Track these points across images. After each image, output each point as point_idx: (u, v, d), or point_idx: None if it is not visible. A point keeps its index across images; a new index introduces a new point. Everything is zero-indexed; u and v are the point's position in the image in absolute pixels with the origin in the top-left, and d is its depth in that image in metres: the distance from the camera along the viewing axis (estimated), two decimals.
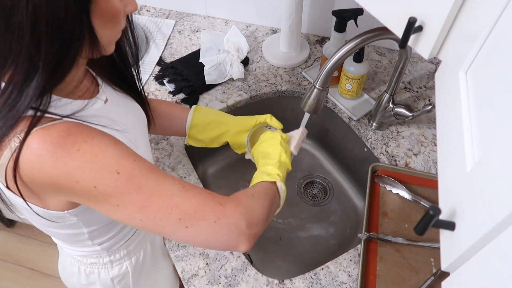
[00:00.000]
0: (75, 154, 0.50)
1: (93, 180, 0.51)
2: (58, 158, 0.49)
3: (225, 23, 1.31)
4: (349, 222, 1.12)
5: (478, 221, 0.33)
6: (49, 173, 0.50)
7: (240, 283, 0.82)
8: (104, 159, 0.51)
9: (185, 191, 0.55)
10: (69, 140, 0.50)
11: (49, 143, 0.49)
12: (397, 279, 0.80)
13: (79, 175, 0.50)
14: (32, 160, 0.49)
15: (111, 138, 0.54)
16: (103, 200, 0.52)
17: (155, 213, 0.53)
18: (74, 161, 0.50)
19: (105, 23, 0.51)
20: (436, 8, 0.49)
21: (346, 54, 0.78)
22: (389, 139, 1.02)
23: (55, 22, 0.46)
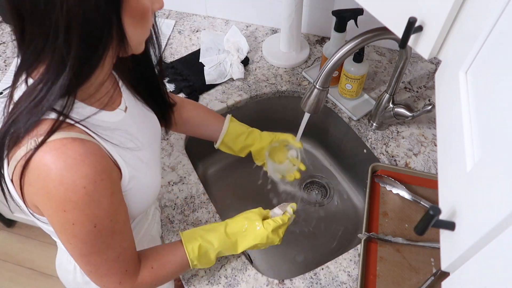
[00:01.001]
0: (80, 191, 0.52)
1: (76, 220, 0.54)
2: (63, 183, 0.51)
3: (225, 23, 1.31)
4: (349, 222, 1.12)
5: (478, 221, 0.33)
6: (49, 188, 0.51)
7: (240, 283, 0.82)
8: (96, 210, 0.54)
9: (114, 261, 0.61)
10: (81, 170, 0.51)
11: (62, 161, 0.50)
12: (397, 279, 0.79)
13: (70, 209, 0.53)
14: (40, 170, 0.50)
15: (113, 184, 0.56)
16: (66, 234, 0.56)
17: (82, 260, 0.60)
18: (75, 195, 0.52)
19: (136, 22, 0.52)
20: (436, 8, 0.49)
21: (346, 54, 0.78)
22: (389, 139, 1.02)
23: (86, 22, 0.46)
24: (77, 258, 0.60)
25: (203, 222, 0.90)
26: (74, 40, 0.47)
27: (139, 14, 0.52)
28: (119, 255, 0.61)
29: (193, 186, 0.96)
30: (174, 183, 0.96)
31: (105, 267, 0.61)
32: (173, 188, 0.95)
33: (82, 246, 0.57)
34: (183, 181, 0.96)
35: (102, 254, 0.59)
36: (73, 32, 0.46)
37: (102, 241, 0.58)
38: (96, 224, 0.55)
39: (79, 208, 0.53)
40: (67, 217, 0.53)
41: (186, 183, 0.96)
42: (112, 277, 0.63)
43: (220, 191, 1.19)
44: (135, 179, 0.62)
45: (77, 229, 0.54)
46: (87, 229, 0.55)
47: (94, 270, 0.61)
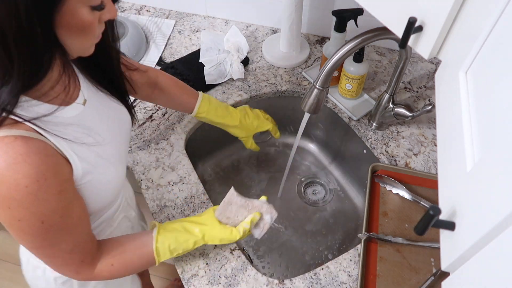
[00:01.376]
0: (22, 189, 0.51)
1: (22, 216, 0.54)
2: (4, 182, 0.50)
3: (225, 23, 1.31)
4: (349, 222, 1.12)
5: (478, 221, 0.33)
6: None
7: (240, 283, 0.82)
8: (41, 207, 0.54)
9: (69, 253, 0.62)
10: (23, 170, 0.51)
11: (2, 161, 0.50)
12: (397, 279, 0.79)
13: (15, 206, 0.52)
14: None
15: (60, 183, 0.56)
16: (14, 229, 0.56)
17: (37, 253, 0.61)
18: (18, 194, 0.51)
19: (74, 35, 0.51)
20: (436, 8, 0.49)
21: (346, 54, 0.78)
22: (389, 139, 1.02)
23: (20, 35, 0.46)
24: (31, 251, 0.61)
25: None
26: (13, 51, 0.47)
27: (77, 28, 0.51)
28: (73, 247, 0.62)
29: (193, 186, 0.96)
30: (174, 183, 0.96)
31: (59, 258, 0.62)
32: (173, 188, 0.95)
33: (33, 240, 0.58)
34: (183, 181, 0.96)
35: (55, 247, 0.60)
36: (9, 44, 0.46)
37: (53, 236, 0.58)
38: (44, 221, 0.55)
39: (23, 206, 0.53)
40: (13, 214, 0.53)
41: (186, 183, 0.96)
42: (68, 267, 0.64)
43: (220, 191, 1.19)
44: (90, 175, 0.61)
45: (24, 224, 0.55)
46: (35, 225, 0.55)
47: (49, 261, 0.63)
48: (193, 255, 0.85)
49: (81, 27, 0.51)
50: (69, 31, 0.50)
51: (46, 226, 0.56)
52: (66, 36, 0.51)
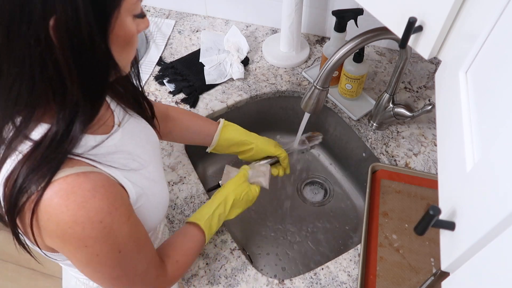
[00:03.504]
0: (97, 225, 0.50)
1: (100, 251, 0.53)
2: (79, 222, 0.49)
3: (225, 23, 1.31)
4: (349, 222, 1.12)
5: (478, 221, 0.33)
6: (64, 230, 0.50)
7: (240, 283, 0.82)
8: (117, 238, 0.54)
9: (145, 273, 0.62)
10: (94, 205, 0.50)
11: (73, 201, 0.49)
12: (397, 279, 0.79)
13: (91, 243, 0.52)
14: (50, 212, 0.48)
15: (128, 209, 0.56)
16: (92, 265, 0.55)
17: (115, 284, 0.60)
18: (93, 231, 0.51)
19: (123, 48, 0.51)
20: (436, 8, 0.49)
21: (346, 54, 0.78)
22: (389, 139, 1.02)
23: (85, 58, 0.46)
24: (109, 283, 0.59)
25: None
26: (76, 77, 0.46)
27: (125, 40, 0.50)
28: (147, 266, 0.61)
29: (193, 186, 0.96)
30: (174, 183, 0.96)
31: (138, 282, 0.61)
32: (173, 188, 0.95)
33: (112, 271, 0.56)
34: (183, 181, 0.96)
35: (133, 272, 0.59)
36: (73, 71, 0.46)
37: (130, 261, 0.58)
38: (121, 250, 0.55)
39: (100, 241, 0.52)
40: (90, 251, 0.52)
41: (186, 183, 0.96)
42: (147, 286, 0.64)
43: None
44: (143, 198, 0.61)
45: (103, 259, 0.54)
46: (113, 256, 0.54)
47: (129, 286, 0.62)
48: None
49: (128, 39, 0.50)
50: (118, 45, 0.49)
51: (123, 254, 0.55)
52: (116, 51, 0.49)
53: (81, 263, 0.54)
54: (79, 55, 0.45)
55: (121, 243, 0.54)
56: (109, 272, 0.56)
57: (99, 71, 0.49)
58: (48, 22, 0.42)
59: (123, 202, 0.55)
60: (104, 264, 0.55)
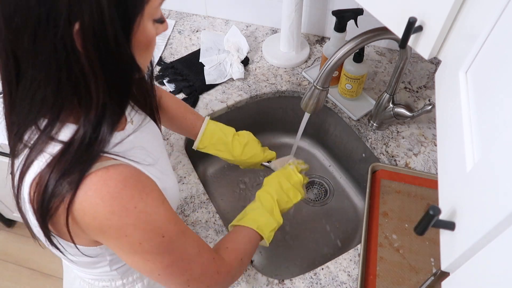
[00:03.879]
0: (132, 211, 0.51)
1: (141, 238, 0.53)
2: (115, 212, 0.50)
3: (225, 23, 1.31)
4: (349, 222, 1.12)
5: (478, 221, 0.33)
6: (101, 222, 0.50)
7: (240, 283, 0.82)
8: (155, 222, 0.54)
9: (199, 255, 0.61)
10: (126, 194, 0.51)
11: (106, 193, 0.49)
12: (397, 279, 0.79)
13: (131, 231, 0.52)
14: (85, 207, 0.49)
15: (160, 194, 0.56)
16: (138, 254, 0.54)
17: (172, 273, 0.58)
18: (130, 218, 0.51)
19: (142, 51, 0.52)
20: (436, 8, 0.49)
21: (346, 54, 0.78)
22: (389, 139, 1.02)
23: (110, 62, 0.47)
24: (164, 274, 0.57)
25: (203, 222, 0.90)
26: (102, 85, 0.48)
27: (146, 44, 0.51)
28: (198, 248, 0.60)
29: (193, 186, 0.96)
30: None
31: (196, 266, 0.60)
32: None
33: (162, 259, 0.56)
34: (183, 181, 0.96)
35: (185, 256, 0.58)
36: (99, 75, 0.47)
37: (177, 245, 0.57)
38: (164, 234, 0.54)
39: (139, 227, 0.52)
40: (132, 240, 0.52)
41: (186, 183, 0.96)
42: (208, 271, 0.62)
43: (220, 191, 1.19)
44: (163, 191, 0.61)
45: (147, 246, 0.54)
46: (157, 241, 0.54)
47: (189, 275, 0.60)
48: None
49: (148, 43, 0.51)
50: (139, 48, 0.50)
51: (168, 238, 0.55)
52: (137, 54, 0.51)
53: (128, 254, 0.55)
54: (104, 59, 0.46)
55: (162, 227, 0.54)
56: (160, 260, 0.55)
57: (123, 74, 0.50)
58: (73, 27, 0.43)
59: (154, 188, 0.55)
60: (150, 252, 0.54)
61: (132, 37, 0.48)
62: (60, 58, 0.45)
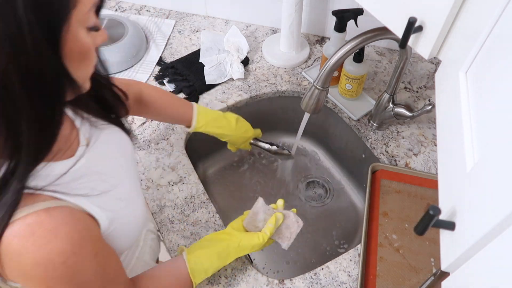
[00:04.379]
0: (59, 267, 0.47)
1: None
2: (40, 264, 0.46)
3: (225, 23, 1.31)
4: (349, 222, 1.12)
5: (478, 221, 0.33)
6: (25, 271, 0.47)
7: (240, 283, 0.82)
8: (82, 277, 0.51)
9: None
10: (56, 246, 0.47)
11: (32, 244, 0.45)
12: (397, 279, 0.79)
13: (54, 284, 0.49)
14: (12, 254, 0.46)
15: (94, 245, 0.52)
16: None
17: None
18: (56, 272, 0.48)
19: (79, 63, 0.46)
20: (436, 8, 0.49)
21: (346, 54, 0.78)
22: (389, 139, 1.02)
23: (34, 77, 0.41)
24: None
25: (203, 222, 0.90)
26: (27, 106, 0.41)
27: (79, 53, 0.46)
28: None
29: (193, 186, 0.96)
30: (174, 183, 0.96)
31: None
32: (173, 188, 0.95)
33: None
34: (183, 181, 0.96)
35: None
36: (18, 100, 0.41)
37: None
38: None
39: (63, 281, 0.49)
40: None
41: (186, 183, 0.96)
42: None
43: (220, 191, 1.19)
44: (115, 221, 0.57)
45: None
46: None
47: None
48: None
49: (83, 52, 0.46)
50: (73, 60, 0.45)
51: None
52: (72, 66, 0.45)
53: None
54: (25, 73, 0.40)
55: (86, 281, 0.51)
56: None
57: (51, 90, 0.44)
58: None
59: (91, 238, 0.52)
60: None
61: (62, 47, 0.43)
62: None
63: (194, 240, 0.87)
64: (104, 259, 0.55)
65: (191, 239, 0.87)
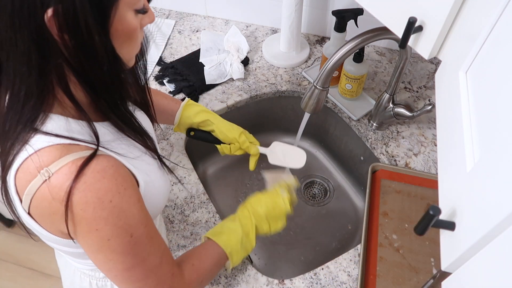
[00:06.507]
0: (107, 206, 0.51)
1: (111, 234, 0.52)
2: (89, 203, 0.50)
3: (225, 23, 1.31)
4: (349, 222, 1.12)
5: (478, 221, 0.33)
6: (75, 212, 0.50)
7: (240, 283, 0.82)
8: (128, 219, 0.53)
9: (159, 267, 0.60)
10: (104, 186, 0.50)
11: (83, 183, 0.49)
12: (397, 279, 0.79)
13: (102, 225, 0.51)
14: (62, 196, 0.49)
15: (136, 192, 0.55)
16: (103, 251, 0.54)
17: (129, 277, 0.57)
18: (103, 211, 0.51)
19: (123, 42, 0.51)
20: (436, 8, 0.49)
21: (346, 54, 0.78)
22: (389, 139, 1.02)
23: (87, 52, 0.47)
24: (121, 276, 0.57)
25: (203, 222, 0.90)
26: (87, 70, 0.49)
27: (125, 34, 0.50)
28: (161, 259, 0.60)
29: (193, 186, 0.96)
30: (174, 183, 0.96)
31: (152, 276, 0.59)
32: (173, 188, 0.95)
33: (124, 260, 0.55)
34: (183, 181, 0.96)
35: (146, 263, 0.57)
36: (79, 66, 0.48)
37: (142, 249, 0.56)
38: (132, 234, 0.54)
39: (111, 222, 0.52)
40: (101, 235, 0.52)
41: (186, 183, 0.96)
42: (162, 285, 0.61)
43: (220, 191, 1.19)
44: (148, 185, 0.60)
45: (114, 243, 0.53)
46: (125, 240, 0.54)
47: (143, 284, 0.59)
48: None
49: (129, 33, 0.51)
50: (118, 39, 0.50)
51: (135, 239, 0.54)
52: (116, 44, 0.50)
53: (93, 249, 0.54)
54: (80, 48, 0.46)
55: (132, 225, 0.54)
56: (122, 261, 0.55)
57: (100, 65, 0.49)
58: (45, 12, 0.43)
59: (132, 184, 0.55)
60: (115, 251, 0.54)
61: (110, 27, 0.48)
62: (40, 47, 0.45)
63: (194, 240, 0.87)
64: (145, 209, 0.57)
65: (191, 239, 0.87)
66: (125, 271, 0.56)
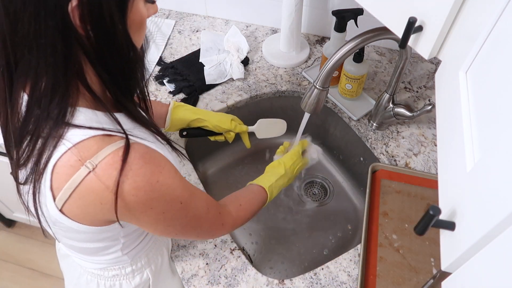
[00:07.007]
0: (155, 186, 0.54)
1: (164, 208, 0.57)
2: (140, 188, 0.52)
3: (225, 23, 1.31)
4: (349, 222, 1.12)
5: (478, 221, 0.33)
6: (127, 199, 0.52)
7: (240, 283, 0.82)
8: (174, 191, 0.58)
9: (208, 212, 0.67)
10: (148, 170, 0.53)
11: (129, 170, 0.51)
12: (397, 279, 0.79)
13: (155, 203, 0.55)
14: (109, 185, 0.51)
15: (171, 165, 0.59)
16: (160, 222, 0.59)
17: (187, 231, 0.66)
18: (154, 192, 0.54)
19: (136, 32, 0.53)
20: (436, 8, 0.49)
21: (346, 54, 0.78)
22: (389, 139, 1.02)
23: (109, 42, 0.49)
24: (180, 232, 0.65)
25: None
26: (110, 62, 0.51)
27: (138, 24, 0.53)
28: (207, 206, 0.66)
29: None
30: None
31: (205, 222, 0.67)
32: None
33: (181, 221, 0.62)
34: None
35: (197, 215, 0.64)
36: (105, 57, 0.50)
37: (192, 207, 0.62)
38: (181, 200, 0.59)
39: (162, 199, 0.56)
40: (156, 211, 0.56)
41: None
42: (215, 225, 0.69)
43: (220, 191, 1.19)
44: None
45: (169, 215, 0.58)
46: (177, 208, 0.59)
47: (199, 231, 0.68)
48: (193, 255, 0.85)
49: (140, 23, 0.53)
50: (133, 28, 0.52)
51: (184, 204, 0.60)
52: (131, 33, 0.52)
53: (150, 224, 0.59)
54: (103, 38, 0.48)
55: (179, 195, 0.59)
56: (179, 223, 0.62)
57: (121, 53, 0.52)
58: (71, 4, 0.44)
59: (166, 161, 0.58)
60: (172, 219, 0.60)
61: (127, 17, 0.50)
62: (65, 38, 0.46)
63: (194, 240, 0.87)
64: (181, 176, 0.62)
65: None
66: (183, 228, 0.64)
